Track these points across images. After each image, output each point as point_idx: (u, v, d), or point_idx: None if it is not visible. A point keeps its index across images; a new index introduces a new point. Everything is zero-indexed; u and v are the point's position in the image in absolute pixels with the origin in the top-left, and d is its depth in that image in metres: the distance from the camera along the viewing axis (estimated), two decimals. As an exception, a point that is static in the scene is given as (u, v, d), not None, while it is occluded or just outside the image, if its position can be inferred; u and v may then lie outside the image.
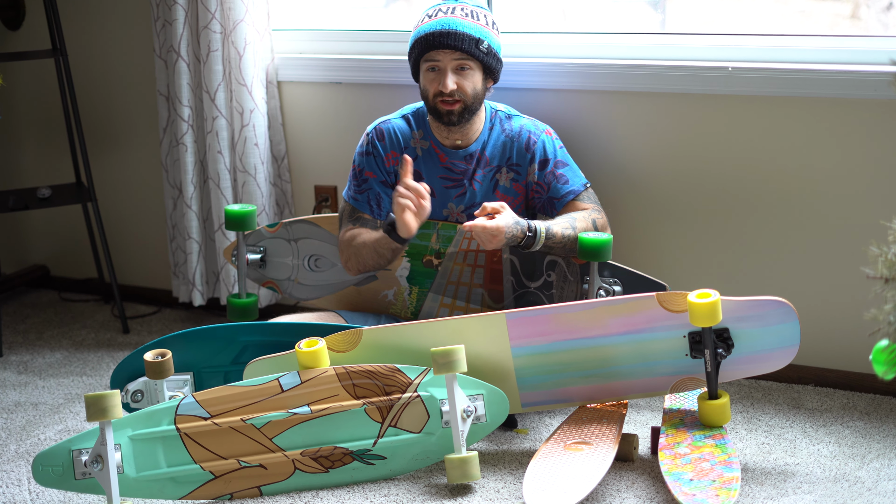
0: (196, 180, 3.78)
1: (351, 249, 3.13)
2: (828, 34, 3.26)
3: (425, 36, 3.04)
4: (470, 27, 3.03)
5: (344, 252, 3.16)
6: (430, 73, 3.06)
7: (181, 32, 3.67)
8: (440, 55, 3.03)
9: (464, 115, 3.06)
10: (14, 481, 2.87)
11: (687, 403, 2.91)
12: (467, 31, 3.02)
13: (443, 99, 3.04)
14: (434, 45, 3.03)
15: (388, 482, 2.78)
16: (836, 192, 3.14)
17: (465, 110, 3.05)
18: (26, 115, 4.27)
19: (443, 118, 3.06)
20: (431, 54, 3.04)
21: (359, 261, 3.12)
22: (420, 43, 3.06)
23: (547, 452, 2.68)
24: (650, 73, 3.27)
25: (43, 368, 3.62)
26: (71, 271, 4.35)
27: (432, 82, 3.06)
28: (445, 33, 3.02)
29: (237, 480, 2.73)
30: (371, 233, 3.11)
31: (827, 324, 3.18)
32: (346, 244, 3.15)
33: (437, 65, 3.05)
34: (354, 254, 3.12)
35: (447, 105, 3.04)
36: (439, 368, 2.68)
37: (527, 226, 2.97)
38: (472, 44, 3.02)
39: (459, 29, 3.02)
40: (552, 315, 2.81)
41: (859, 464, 2.79)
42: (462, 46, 3.01)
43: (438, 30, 3.02)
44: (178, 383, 2.96)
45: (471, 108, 3.06)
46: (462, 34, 3.01)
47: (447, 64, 3.03)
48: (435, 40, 3.02)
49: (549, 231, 3.00)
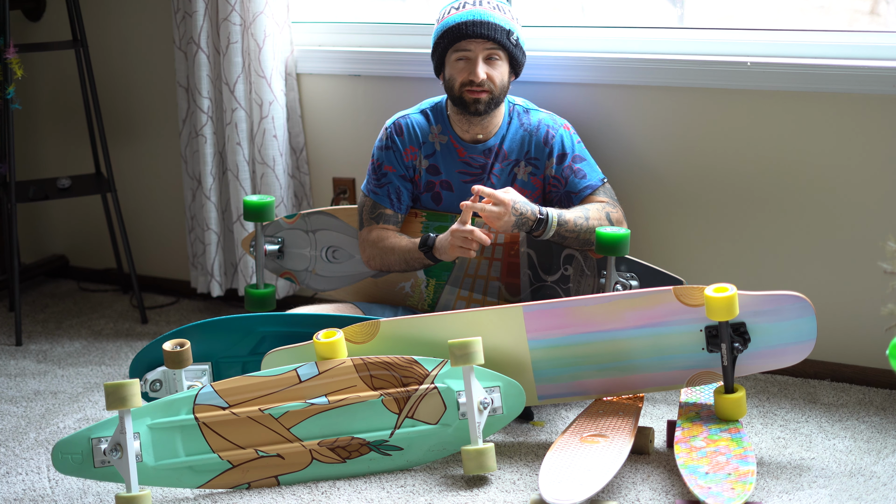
0: (215, 171, 3.80)
1: (376, 250, 3.15)
2: (847, 29, 3.26)
3: (457, 25, 3.05)
4: (500, 19, 3.05)
5: (367, 250, 3.18)
6: (458, 62, 3.08)
7: (201, 24, 3.69)
8: (472, 44, 3.05)
9: (490, 105, 3.07)
10: (34, 469, 2.89)
11: (703, 397, 2.91)
12: (498, 22, 3.04)
13: (470, 88, 3.05)
14: (466, 35, 3.04)
15: (404, 473, 2.79)
16: (854, 187, 3.13)
17: (491, 101, 3.06)
18: (46, 106, 4.29)
19: (469, 107, 3.06)
20: (462, 44, 3.06)
21: (383, 262, 3.15)
22: (451, 33, 3.07)
23: (563, 445, 2.69)
24: (668, 68, 3.27)
25: (62, 357, 3.64)
26: (90, 261, 4.38)
27: (461, 72, 3.06)
28: (478, 23, 3.03)
29: (255, 470, 2.74)
30: (400, 239, 3.13)
31: (843, 319, 3.18)
32: (370, 244, 3.17)
33: (467, 54, 3.06)
34: (380, 255, 3.15)
35: (474, 93, 3.05)
36: (456, 360, 2.69)
37: (538, 209, 2.98)
38: (503, 34, 3.04)
39: (491, 20, 3.04)
40: (569, 308, 2.82)
41: (875, 459, 2.79)
42: (494, 36, 3.03)
43: (470, 19, 3.04)
44: (196, 373, 2.98)
45: (497, 100, 3.07)
46: (494, 24, 3.03)
47: (478, 53, 3.05)
48: (467, 29, 3.04)
49: (560, 217, 3.01)
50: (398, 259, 3.13)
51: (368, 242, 3.17)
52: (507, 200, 2.95)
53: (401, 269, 3.16)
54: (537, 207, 2.99)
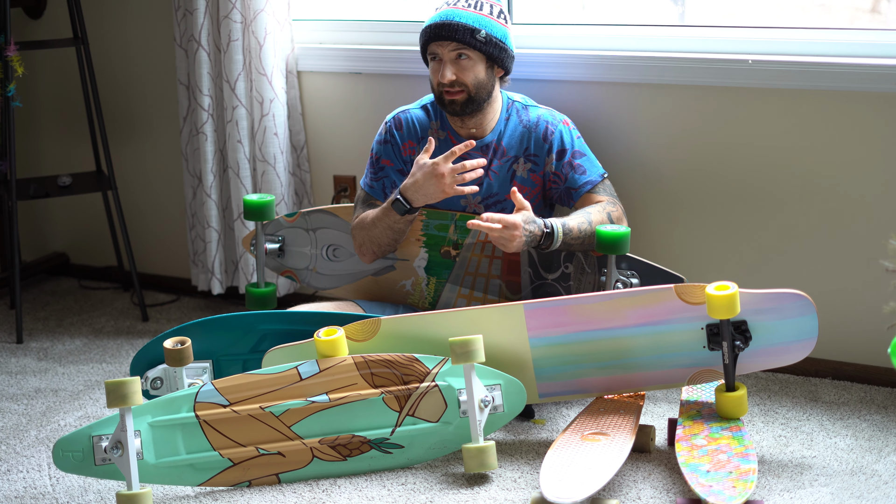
0: (216, 169, 3.80)
1: (360, 231, 3.14)
2: (848, 27, 3.26)
3: (426, 29, 3.09)
4: (468, 17, 3.04)
5: (356, 237, 3.17)
6: (433, 63, 3.10)
7: (202, 22, 3.69)
8: (438, 47, 3.07)
9: (468, 105, 3.06)
10: (35, 466, 2.89)
11: (704, 395, 2.91)
12: (464, 21, 3.03)
13: (446, 90, 3.05)
14: (432, 38, 3.07)
15: (405, 471, 2.79)
16: (855, 184, 3.13)
17: (468, 101, 3.06)
18: (47, 104, 4.29)
19: (447, 108, 3.08)
20: (431, 47, 3.08)
21: (371, 240, 3.11)
22: (422, 36, 3.11)
23: (564, 443, 2.69)
24: (669, 66, 3.27)
25: (63, 355, 3.64)
26: (91, 259, 4.38)
27: (435, 73, 3.09)
28: (441, 25, 3.04)
29: (255, 468, 2.74)
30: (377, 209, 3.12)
31: (845, 317, 3.18)
32: (356, 228, 3.17)
33: (438, 56, 3.07)
34: (365, 234, 3.12)
35: (449, 94, 3.06)
36: (457, 358, 2.69)
37: (543, 223, 2.98)
38: (466, 34, 3.03)
39: (456, 20, 3.04)
40: (570, 306, 2.82)
41: (876, 457, 2.79)
42: (455, 37, 3.03)
43: (437, 22, 3.06)
44: (197, 371, 2.98)
45: (475, 99, 3.07)
46: (457, 25, 3.03)
47: (445, 55, 3.06)
48: (432, 32, 3.06)
49: (565, 227, 3.00)
50: (382, 229, 3.09)
51: (355, 229, 3.17)
52: (517, 223, 2.93)
53: (390, 242, 3.12)
54: (542, 221, 2.98)
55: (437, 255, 3.20)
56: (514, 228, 2.91)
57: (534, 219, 2.96)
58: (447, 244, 3.19)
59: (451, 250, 3.19)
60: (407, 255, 3.22)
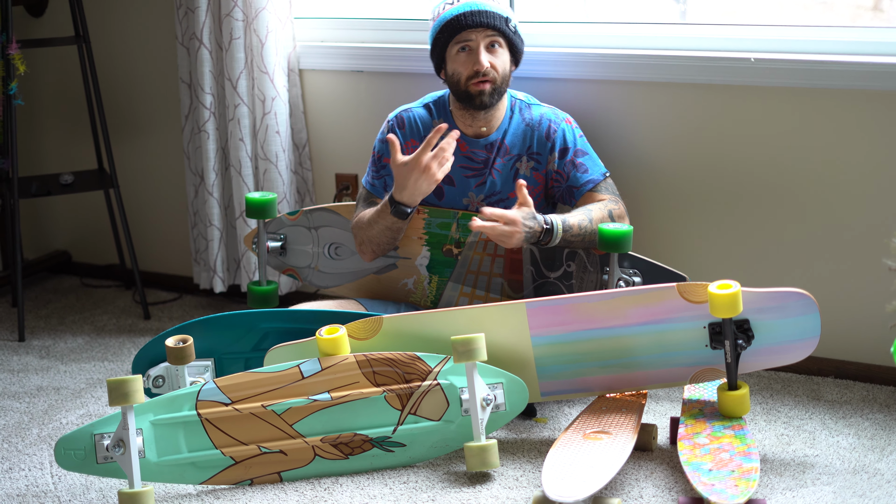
0: (218, 167, 3.80)
1: (359, 230, 3.14)
2: (850, 25, 3.25)
3: (455, 17, 3.05)
4: (496, 7, 3.06)
5: (357, 236, 3.17)
6: (461, 54, 3.07)
7: (203, 20, 3.69)
8: (472, 34, 3.05)
9: (494, 95, 3.06)
10: (36, 465, 2.89)
11: (706, 394, 2.91)
12: (495, 10, 3.05)
13: (475, 80, 3.04)
14: (466, 25, 3.04)
15: (407, 469, 2.79)
16: (858, 183, 3.13)
17: (494, 91, 3.06)
18: (49, 102, 4.29)
19: (474, 100, 3.05)
20: (463, 34, 3.05)
21: (370, 239, 3.10)
22: (450, 25, 3.06)
23: (566, 441, 2.69)
24: (671, 64, 3.27)
25: (65, 353, 3.64)
26: (93, 257, 4.38)
27: (464, 64, 3.05)
28: (477, 12, 3.04)
29: (257, 466, 2.74)
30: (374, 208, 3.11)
31: (847, 316, 3.18)
32: (355, 227, 3.17)
33: (469, 44, 3.05)
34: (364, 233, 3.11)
35: (479, 85, 3.04)
36: (459, 357, 2.69)
37: (543, 220, 2.97)
38: (502, 21, 3.05)
39: (488, 8, 3.05)
40: (572, 305, 2.82)
41: (879, 456, 2.79)
42: (494, 23, 3.03)
43: (468, 10, 3.04)
44: (199, 369, 2.97)
45: (500, 90, 3.07)
46: (492, 12, 3.04)
47: (480, 42, 3.05)
48: (467, 20, 3.04)
49: (565, 223, 3.00)
50: (380, 230, 3.08)
51: (354, 227, 3.17)
52: (516, 218, 2.93)
53: (389, 241, 3.11)
54: (542, 217, 2.98)
55: (440, 253, 3.20)
56: (513, 224, 2.91)
57: (534, 215, 2.96)
58: (449, 242, 3.19)
59: (454, 249, 3.19)
60: (409, 254, 3.22)
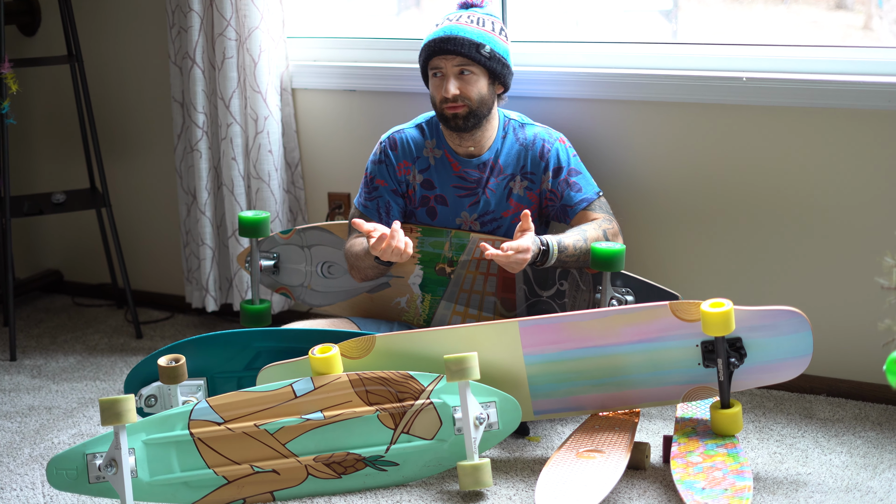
0: (210, 186, 3.80)
1: (351, 259, 3.16)
2: (841, 45, 3.27)
3: (428, 44, 3.09)
4: (472, 33, 3.05)
5: (348, 261, 3.18)
6: (435, 79, 3.10)
7: (196, 39, 3.69)
8: (442, 61, 3.06)
9: (469, 119, 3.07)
10: (28, 484, 2.88)
11: (699, 412, 2.91)
12: (468, 36, 3.04)
13: (448, 105, 3.05)
14: (436, 52, 3.07)
15: (400, 488, 2.79)
16: (850, 202, 3.14)
17: (470, 115, 3.06)
18: (41, 121, 4.29)
19: (449, 123, 3.08)
20: (434, 61, 3.08)
21: (359, 269, 3.14)
22: (424, 51, 3.10)
23: (559, 460, 2.69)
24: (663, 83, 3.28)
25: (57, 373, 3.63)
26: (85, 276, 4.37)
27: (437, 89, 3.09)
28: (446, 39, 3.05)
29: (250, 485, 2.74)
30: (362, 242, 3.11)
31: (840, 334, 3.18)
32: (347, 254, 3.18)
33: (440, 70, 3.08)
34: (354, 263, 3.14)
35: (452, 108, 3.05)
36: (452, 375, 2.69)
37: (540, 241, 2.98)
38: (471, 48, 3.04)
39: (460, 34, 3.04)
40: (565, 323, 2.82)
41: (871, 474, 2.79)
42: (461, 51, 3.04)
43: (440, 36, 3.06)
44: (191, 388, 2.97)
45: (477, 114, 3.07)
46: (462, 39, 3.04)
47: (449, 70, 3.06)
48: (436, 46, 3.06)
49: (561, 244, 3.01)
50: (368, 264, 3.10)
51: (346, 254, 3.18)
52: (529, 246, 2.92)
53: (377, 275, 3.15)
54: (538, 239, 2.98)
55: (433, 272, 3.20)
56: (526, 252, 2.92)
57: (534, 238, 2.97)
58: (442, 261, 3.19)
59: (447, 267, 3.19)
60: (402, 273, 3.22)
